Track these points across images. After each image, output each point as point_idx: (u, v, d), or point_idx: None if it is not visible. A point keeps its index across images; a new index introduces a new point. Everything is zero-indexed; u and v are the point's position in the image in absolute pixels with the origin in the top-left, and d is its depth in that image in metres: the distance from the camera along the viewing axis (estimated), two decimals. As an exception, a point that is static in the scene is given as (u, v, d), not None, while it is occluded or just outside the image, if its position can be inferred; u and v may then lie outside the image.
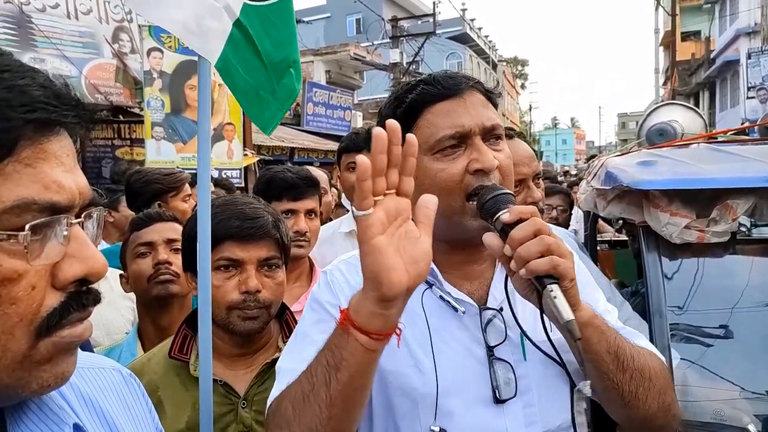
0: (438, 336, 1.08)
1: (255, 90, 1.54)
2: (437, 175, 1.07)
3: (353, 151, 2.42)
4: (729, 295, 1.95)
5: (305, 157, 13.63)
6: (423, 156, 1.07)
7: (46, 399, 0.66)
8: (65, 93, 0.58)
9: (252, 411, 1.38)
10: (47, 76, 0.59)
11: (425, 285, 1.11)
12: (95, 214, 0.64)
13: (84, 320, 0.61)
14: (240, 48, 1.47)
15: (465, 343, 1.09)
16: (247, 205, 1.43)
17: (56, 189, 0.56)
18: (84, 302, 0.60)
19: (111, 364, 0.82)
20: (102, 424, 0.72)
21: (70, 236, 0.58)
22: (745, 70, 20.02)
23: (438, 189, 1.04)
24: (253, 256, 1.37)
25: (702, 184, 1.84)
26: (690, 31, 30.63)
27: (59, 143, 0.58)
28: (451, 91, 1.10)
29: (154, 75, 7.55)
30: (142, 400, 0.82)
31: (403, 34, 20.77)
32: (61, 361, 0.59)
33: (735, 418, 1.70)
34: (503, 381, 1.06)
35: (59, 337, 0.58)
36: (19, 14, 8.05)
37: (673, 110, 3.46)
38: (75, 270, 0.58)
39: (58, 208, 0.56)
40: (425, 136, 1.08)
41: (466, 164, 1.07)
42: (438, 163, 1.07)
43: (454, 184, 1.06)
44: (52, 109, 0.55)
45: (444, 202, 0.98)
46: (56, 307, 0.57)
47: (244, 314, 1.36)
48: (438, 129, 1.08)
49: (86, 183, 0.61)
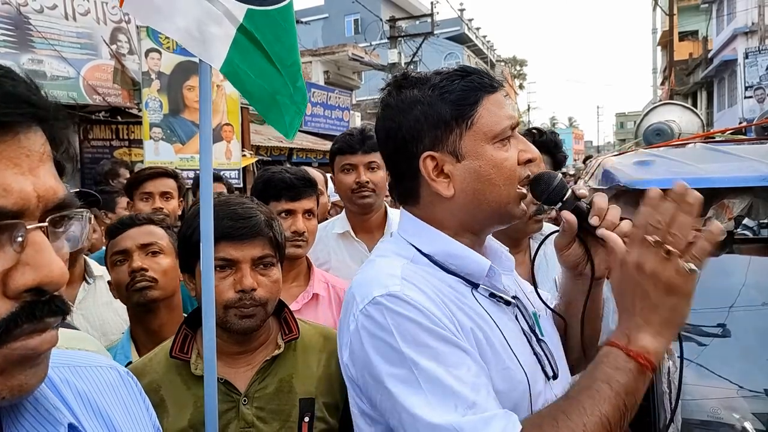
0: (507, 333, 1.08)
1: (271, 95, 1.53)
2: (503, 164, 1.08)
3: (347, 153, 2.39)
4: (726, 294, 1.96)
5: (304, 157, 13.64)
6: (486, 144, 1.08)
7: (41, 398, 0.65)
8: (16, 90, 0.55)
9: (253, 408, 1.39)
10: (4, 72, 0.55)
11: (469, 285, 1.10)
12: (74, 217, 0.61)
13: (43, 332, 0.56)
14: (248, 53, 1.45)
15: (518, 333, 1.11)
16: (239, 205, 1.44)
17: (1, 193, 0.52)
18: (36, 313, 0.55)
19: (108, 363, 0.82)
20: (99, 422, 0.72)
21: (26, 243, 0.54)
22: (743, 70, 20.08)
23: (503, 177, 1.07)
24: (247, 255, 1.38)
25: (698, 183, 1.84)
26: (687, 30, 30.70)
27: (15, 143, 0.54)
28: (499, 85, 1.13)
29: (152, 76, 7.56)
30: (139, 398, 0.82)
31: (401, 34, 20.79)
32: (17, 373, 0.55)
33: (732, 416, 1.71)
34: (547, 359, 1.13)
35: (9, 350, 0.54)
36: (17, 15, 8.05)
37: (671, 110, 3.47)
38: (26, 279, 0.54)
39: (5, 213, 0.52)
40: (489, 125, 1.08)
41: (517, 154, 1.10)
42: (501, 152, 1.08)
43: (514, 172, 1.09)
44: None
45: (504, 190, 1.07)
46: (4, 318, 0.53)
47: (241, 312, 1.37)
48: (500, 118, 1.09)
49: (53, 185, 0.57)
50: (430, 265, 1.10)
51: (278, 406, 1.40)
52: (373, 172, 2.37)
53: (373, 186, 2.36)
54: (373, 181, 2.36)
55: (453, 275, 1.10)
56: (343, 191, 2.42)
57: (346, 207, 2.52)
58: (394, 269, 1.05)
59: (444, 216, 1.12)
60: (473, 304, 1.07)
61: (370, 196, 2.37)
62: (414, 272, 1.06)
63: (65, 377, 0.73)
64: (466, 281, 1.10)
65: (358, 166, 2.37)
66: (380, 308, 0.99)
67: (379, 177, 2.38)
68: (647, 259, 0.91)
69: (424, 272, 1.07)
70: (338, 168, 2.43)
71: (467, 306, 1.06)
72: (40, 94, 0.58)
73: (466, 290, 1.09)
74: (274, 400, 1.40)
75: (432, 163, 1.08)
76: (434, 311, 0.99)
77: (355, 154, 2.37)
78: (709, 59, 26.44)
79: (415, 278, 1.04)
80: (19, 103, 0.54)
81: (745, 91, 19.72)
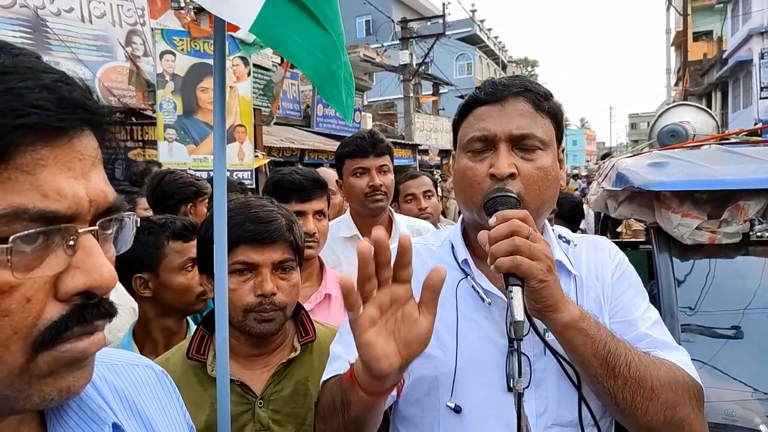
0: (465, 322, 1.17)
1: (326, 65, 1.27)
2: (465, 172, 1.18)
3: (359, 156, 2.40)
4: (740, 296, 1.95)
5: (315, 158, 13.67)
6: (461, 152, 1.21)
7: (85, 398, 0.65)
8: (72, 96, 0.54)
9: (269, 410, 1.39)
10: (60, 77, 0.55)
11: (462, 274, 1.21)
12: (123, 220, 0.61)
13: (91, 334, 0.57)
14: (289, 12, 1.22)
15: (488, 332, 1.16)
16: (261, 207, 1.42)
17: (56, 197, 0.52)
18: (86, 316, 0.56)
19: (144, 361, 0.81)
20: (137, 421, 0.72)
21: (78, 246, 0.55)
22: (758, 70, 19.82)
23: (465, 184, 1.18)
24: (267, 260, 1.37)
25: (713, 185, 1.84)
26: (702, 31, 30.37)
27: (69, 148, 0.54)
28: (491, 97, 1.18)
29: (167, 77, 7.63)
30: (174, 396, 0.82)
31: (412, 35, 20.76)
32: (65, 374, 0.56)
33: (747, 418, 1.70)
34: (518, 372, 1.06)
35: (60, 352, 0.54)
36: (34, 18, 8.17)
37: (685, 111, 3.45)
38: (77, 282, 0.54)
39: (59, 217, 0.53)
40: (462, 135, 1.22)
41: (489, 167, 1.15)
42: (469, 161, 1.18)
43: (477, 183, 1.16)
44: (50, 113, 0.52)
45: (469, 198, 1.17)
46: (55, 321, 0.54)
47: (261, 317, 1.36)
48: (471, 130, 1.19)
49: (104, 188, 0.58)
50: (448, 252, 1.26)
51: (294, 409, 1.40)
52: (384, 175, 2.40)
53: (386, 189, 2.39)
54: (385, 184, 2.38)
55: (456, 262, 1.23)
56: (355, 194, 2.43)
57: (355, 210, 2.52)
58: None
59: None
60: (446, 289, 0.97)
61: (383, 199, 2.40)
62: (421, 248, 1.28)
63: (104, 375, 0.73)
64: (462, 271, 1.21)
65: (371, 169, 2.38)
66: None
67: (390, 180, 2.42)
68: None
69: (430, 255, 1.27)
70: (349, 172, 2.43)
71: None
72: (94, 98, 0.58)
73: (454, 277, 1.19)
74: (290, 403, 1.40)
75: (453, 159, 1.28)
76: None
77: (367, 157, 2.39)
78: (724, 60, 26.15)
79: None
80: (75, 108, 0.54)
81: (760, 91, 19.47)
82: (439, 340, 1.14)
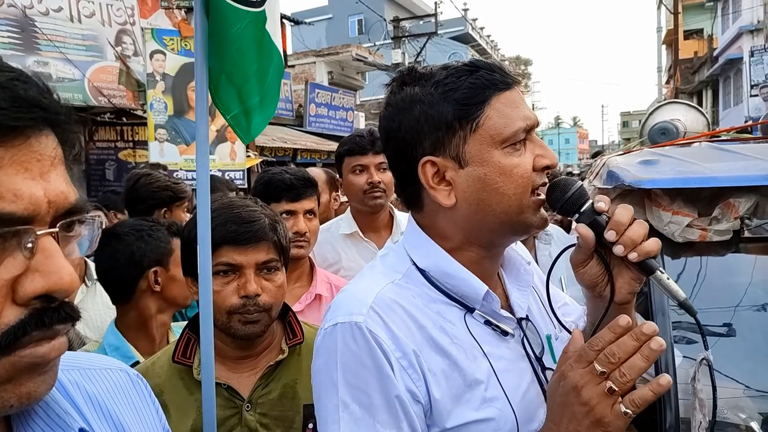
0: (497, 364, 0.99)
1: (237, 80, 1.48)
2: (513, 171, 0.96)
3: (358, 154, 2.41)
4: (732, 293, 1.95)
5: (308, 158, 13.65)
6: (493, 149, 0.96)
7: (51, 403, 0.64)
8: (28, 94, 0.53)
9: (257, 414, 1.37)
10: (16, 75, 0.54)
11: (464, 309, 1.01)
12: (86, 221, 0.60)
13: (51, 339, 0.55)
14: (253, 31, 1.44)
15: (516, 362, 1.03)
16: (243, 208, 1.40)
17: (11, 198, 0.51)
18: (45, 320, 0.54)
19: (118, 365, 0.81)
20: (110, 425, 0.71)
21: (36, 248, 0.53)
22: (748, 68, 19.96)
23: (513, 186, 0.96)
24: (251, 260, 1.35)
25: (704, 182, 1.83)
26: (692, 29, 30.56)
27: (26, 148, 0.53)
28: (514, 81, 1.01)
29: (157, 77, 7.58)
30: (149, 400, 0.81)
31: (405, 34, 20.79)
32: (25, 380, 0.55)
33: (738, 416, 1.69)
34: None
35: (18, 357, 0.53)
36: (22, 18, 8.09)
37: (676, 109, 3.46)
38: (36, 285, 0.53)
39: (15, 219, 0.51)
40: (497, 127, 0.96)
41: (532, 159, 0.98)
42: (511, 158, 0.96)
43: (527, 180, 0.97)
44: (3, 111, 0.51)
45: (514, 200, 0.96)
46: (13, 325, 0.52)
47: (245, 318, 1.35)
48: (511, 120, 0.96)
49: (65, 189, 0.56)
50: (423, 284, 1.01)
51: (282, 413, 1.38)
52: (383, 173, 2.41)
53: (384, 186, 2.40)
54: (384, 182, 2.39)
55: (447, 296, 1.01)
56: (354, 192, 2.44)
57: (355, 207, 2.53)
58: (371, 292, 0.97)
59: (446, 226, 1.02)
60: (460, 333, 0.98)
61: (382, 196, 2.42)
62: (394, 297, 0.97)
63: (75, 380, 0.72)
64: (461, 305, 1.01)
65: (369, 166, 2.40)
66: (334, 335, 0.95)
67: (389, 177, 2.42)
68: (587, 386, 0.84)
69: (412, 294, 0.99)
70: (348, 169, 2.45)
71: (452, 336, 0.97)
72: (52, 97, 0.57)
73: (457, 316, 1.00)
74: (278, 406, 1.39)
75: (432, 169, 0.98)
76: (391, 357, 0.92)
77: (366, 154, 2.41)
78: (715, 57, 26.30)
79: (390, 308, 0.95)
80: (31, 107, 0.53)
81: (750, 89, 19.59)
82: (484, 398, 0.96)
